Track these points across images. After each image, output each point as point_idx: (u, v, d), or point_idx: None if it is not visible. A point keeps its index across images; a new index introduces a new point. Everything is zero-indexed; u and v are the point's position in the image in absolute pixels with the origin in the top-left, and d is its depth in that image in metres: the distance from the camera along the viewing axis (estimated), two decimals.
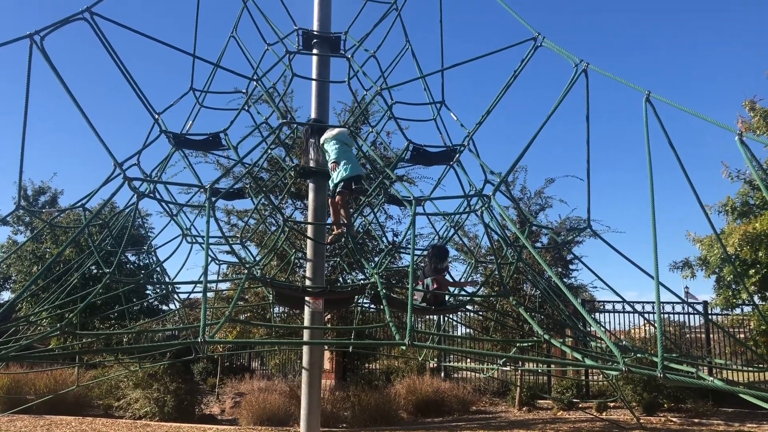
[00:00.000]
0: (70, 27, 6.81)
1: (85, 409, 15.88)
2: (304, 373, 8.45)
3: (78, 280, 9.89)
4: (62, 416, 14.66)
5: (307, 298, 8.24)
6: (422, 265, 8.54)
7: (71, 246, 17.40)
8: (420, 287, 8.08)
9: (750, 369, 7.82)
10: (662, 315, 18.73)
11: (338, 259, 13.98)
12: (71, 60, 64.53)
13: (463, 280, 9.51)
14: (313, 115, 9.12)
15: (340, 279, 14.96)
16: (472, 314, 17.93)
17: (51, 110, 68.92)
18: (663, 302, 18.92)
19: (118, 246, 9.48)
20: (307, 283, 8.64)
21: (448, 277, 8.56)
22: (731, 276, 13.85)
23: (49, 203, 30.03)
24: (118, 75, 7.92)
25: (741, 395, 4.84)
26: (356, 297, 9.83)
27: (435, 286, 8.05)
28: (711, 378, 5.10)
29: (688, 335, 20.85)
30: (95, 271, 18.27)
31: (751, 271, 13.29)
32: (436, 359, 19.69)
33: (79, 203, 8.65)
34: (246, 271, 8.15)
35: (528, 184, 17.40)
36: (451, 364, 20.04)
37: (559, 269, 17.21)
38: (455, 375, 20.78)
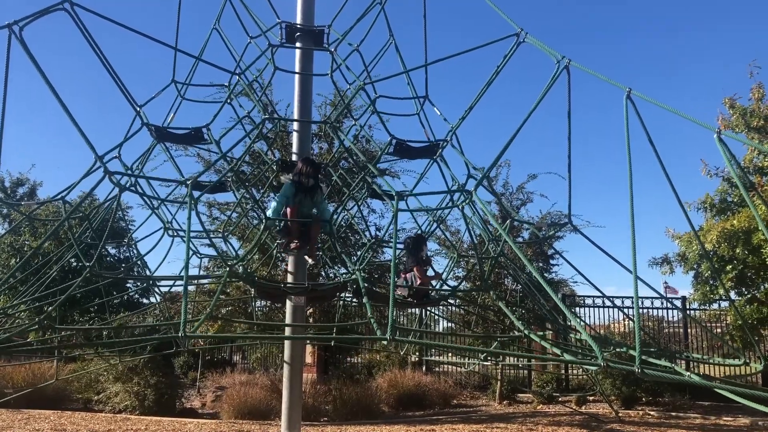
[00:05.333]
0: (51, 17, 6.73)
1: (64, 403, 15.75)
2: (286, 367, 8.45)
3: (57, 273, 9.81)
4: (41, 410, 14.53)
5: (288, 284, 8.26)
6: (404, 259, 8.57)
7: (50, 238, 17.24)
8: (403, 282, 8.12)
9: (726, 363, 7.96)
10: (641, 310, 18.96)
11: (320, 253, 13.98)
12: (52, 51, 63.76)
13: (440, 273, 9.54)
14: (295, 108, 9.09)
15: (323, 273, 14.95)
16: (453, 308, 18.02)
17: (29, 100, 68.13)
18: (642, 297, 19.15)
19: (98, 239, 9.40)
20: (289, 278, 8.63)
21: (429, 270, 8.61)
22: (709, 272, 14.03)
23: (27, 195, 29.67)
24: (100, 66, 7.84)
25: (716, 389, 4.93)
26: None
27: (419, 282, 8.11)
28: (688, 373, 5.18)
29: (666, 330, 21.13)
30: (74, 263, 18.13)
31: (728, 267, 13.48)
32: (417, 353, 19.78)
33: (59, 196, 8.57)
34: (227, 267, 8.11)
35: (510, 179, 17.51)
36: (433, 358, 20.13)
37: (540, 264, 17.34)
38: (436, 369, 20.88)
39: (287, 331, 9.12)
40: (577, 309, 19.38)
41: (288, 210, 7.90)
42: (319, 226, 8.15)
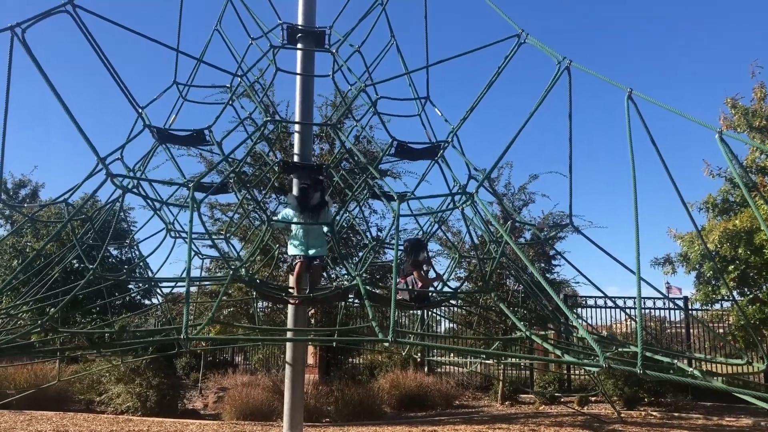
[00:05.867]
0: (54, 19, 6.74)
1: (66, 404, 15.77)
2: (288, 368, 8.45)
3: (59, 275, 9.81)
4: (43, 411, 14.54)
5: (290, 289, 8.26)
6: (403, 259, 8.57)
7: (53, 240, 17.25)
8: (403, 285, 8.13)
9: (729, 363, 7.98)
10: (643, 310, 18.95)
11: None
12: (54, 52, 63.83)
13: (441, 275, 9.56)
14: (297, 109, 9.10)
15: (324, 274, 14.94)
16: (455, 309, 18.02)
17: (32, 102, 68.20)
18: (644, 297, 19.14)
19: (100, 240, 9.41)
20: (291, 280, 8.63)
21: (427, 272, 8.62)
22: (711, 272, 14.02)
23: (29, 196, 29.69)
24: (101, 68, 7.84)
25: (719, 389, 4.92)
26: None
27: (420, 284, 8.13)
28: (690, 369, 5.16)
29: (668, 330, 21.12)
30: (77, 265, 18.13)
31: (731, 267, 13.48)
32: (419, 354, 19.76)
33: (61, 198, 8.58)
34: (230, 269, 8.11)
35: (513, 179, 17.47)
36: (435, 358, 20.12)
37: (542, 264, 17.33)
38: (438, 369, 20.88)
39: (289, 334, 9.12)
40: (579, 309, 19.39)
41: (297, 264, 7.77)
42: (323, 266, 8.11)
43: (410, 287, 8.10)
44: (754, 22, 79.33)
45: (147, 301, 22.65)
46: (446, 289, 9.41)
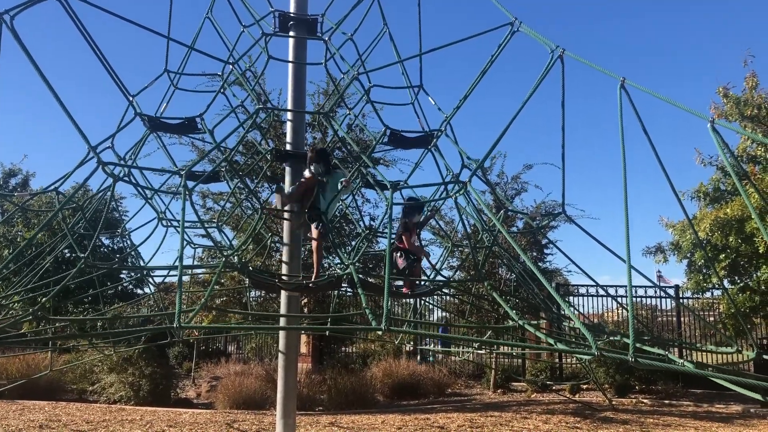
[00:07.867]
0: (44, 6, 6.66)
1: (58, 394, 15.75)
2: (281, 357, 8.45)
3: (50, 264, 9.77)
4: (35, 401, 14.53)
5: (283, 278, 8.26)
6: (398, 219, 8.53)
7: (44, 229, 17.18)
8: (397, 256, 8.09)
9: (719, 351, 8.04)
10: (635, 299, 19.05)
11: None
12: (44, 40, 63.29)
13: (434, 262, 9.53)
14: (289, 98, 9.06)
15: None
16: (448, 298, 18.05)
17: (22, 91, 67.68)
18: (635, 286, 19.22)
19: (91, 229, 9.35)
20: (284, 268, 8.62)
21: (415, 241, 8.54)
22: (702, 260, 14.09)
23: (20, 186, 29.55)
24: (93, 56, 7.76)
25: (709, 377, 4.95)
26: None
27: (406, 246, 8.04)
28: (681, 360, 5.20)
29: (660, 318, 21.25)
30: (68, 254, 18.07)
31: (722, 256, 13.55)
32: (412, 342, 19.82)
33: (52, 186, 8.53)
34: (222, 257, 8.08)
35: (506, 169, 17.53)
36: (428, 347, 20.19)
37: (534, 253, 17.39)
38: (431, 358, 20.96)
39: (282, 322, 9.11)
40: (571, 298, 19.47)
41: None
42: (321, 245, 8.18)
43: (409, 259, 8.04)
44: (749, 11, 79.44)
45: (139, 291, 22.62)
46: (439, 277, 9.40)
